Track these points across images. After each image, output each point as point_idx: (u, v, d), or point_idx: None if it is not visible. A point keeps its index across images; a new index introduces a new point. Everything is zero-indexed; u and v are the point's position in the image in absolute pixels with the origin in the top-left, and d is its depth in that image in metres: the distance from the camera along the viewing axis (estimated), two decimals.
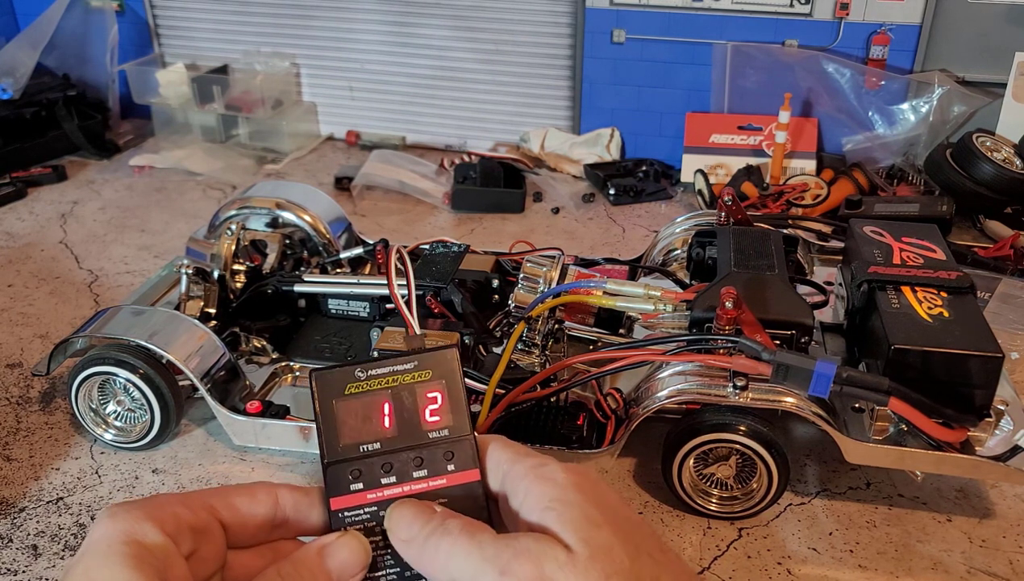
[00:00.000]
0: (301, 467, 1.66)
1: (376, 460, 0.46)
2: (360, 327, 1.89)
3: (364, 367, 0.47)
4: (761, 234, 1.70)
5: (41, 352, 1.99)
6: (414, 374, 0.47)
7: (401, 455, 0.47)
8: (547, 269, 1.65)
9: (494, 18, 3.05)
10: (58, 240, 2.58)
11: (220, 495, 0.44)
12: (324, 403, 0.47)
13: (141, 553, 0.39)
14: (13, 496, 1.59)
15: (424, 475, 0.46)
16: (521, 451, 0.46)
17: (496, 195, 2.76)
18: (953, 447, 1.38)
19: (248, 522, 0.45)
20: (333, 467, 0.46)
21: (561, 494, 0.42)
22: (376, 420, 0.47)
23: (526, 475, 0.44)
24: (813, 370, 1.27)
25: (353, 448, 0.46)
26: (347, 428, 0.47)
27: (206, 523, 0.43)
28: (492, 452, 0.46)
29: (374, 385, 0.47)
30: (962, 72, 2.74)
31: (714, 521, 1.53)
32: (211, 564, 0.43)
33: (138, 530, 0.40)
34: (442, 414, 0.47)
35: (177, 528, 0.41)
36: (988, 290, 2.12)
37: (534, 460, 0.45)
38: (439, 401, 0.47)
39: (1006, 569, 1.42)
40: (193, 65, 3.32)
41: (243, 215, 2.03)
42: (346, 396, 0.47)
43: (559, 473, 0.43)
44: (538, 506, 0.42)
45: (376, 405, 0.47)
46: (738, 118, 2.89)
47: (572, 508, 0.41)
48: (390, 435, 0.47)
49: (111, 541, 0.39)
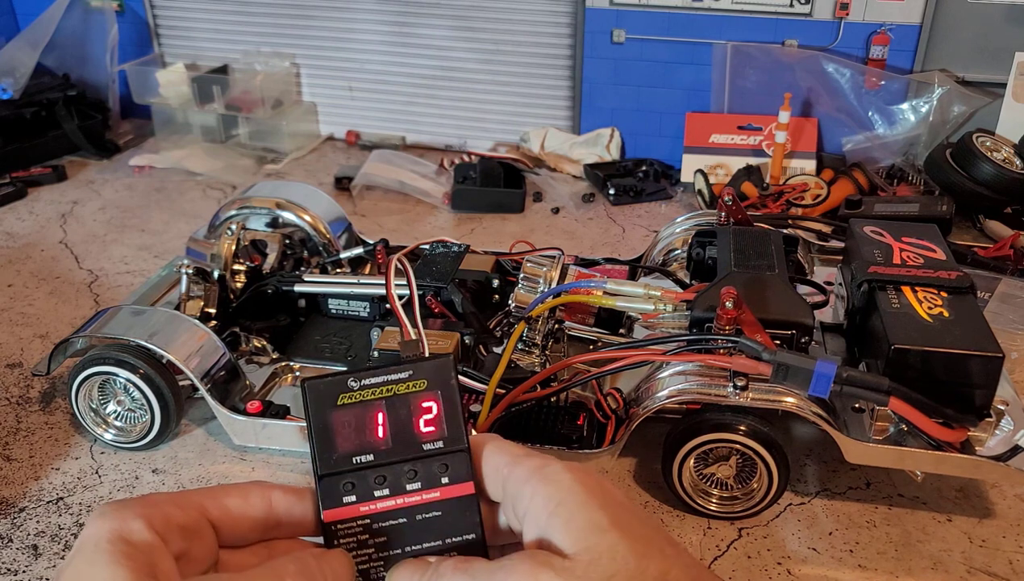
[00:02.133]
0: (301, 467, 1.66)
1: (370, 472, 0.45)
2: (360, 327, 1.89)
3: (357, 376, 0.46)
4: (761, 234, 1.70)
5: (41, 352, 1.99)
6: (408, 384, 0.46)
7: (395, 467, 0.46)
8: (547, 269, 1.65)
9: (494, 18, 3.05)
10: (58, 240, 2.58)
11: (212, 495, 0.44)
12: (316, 414, 0.45)
13: (127, 550, 0.39)
14: (13, 496, 1.59)
15: (418, 487, 0.45)
16: (519, 453, 0.45)
17: (496, 195, 2.76)
18: (953, 447, 1.38)
19: (240, 523, 0.44)
20: (326, 479, 0.45)
21: (566, 496, 0.41)
22: (370, 431, 0.46)
23: (529, 478, 0.43)
24: (813, 370, 1.27)
25: (346, 460, 0.45)
26: (340, 439, 0.45)
27: (197, 523, 0.43)
28: (489, 456, 0.46)
29: (367, 395, 0.46)
30: (962, 72, 2.74)
31: (714, 521, 1.53)
32: (202, 563, 0.43)
33: (126, 528, 0.40)
34: (437, 425, 0.46)
35: (166, 526, 0.41)
36: (988, 290, 2.12)
37: (535, 462, 0.44)
38: (434, 411, 0.46)
39: (1006, 569, 1.42)
40: (193, 65, 3.32)
41: (243, 215, 2.03)
42: (339, 407, 0.46)
43: (563, 474, 0.42)
44: (544, 511, 0.41)
45: (370, 416, 0.46)
46: (738, 118, 2.89)
47: (577, 512, 0.41)
48: (384, 446, 0.46)
49: (99, 539, 0.39)
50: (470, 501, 0.45)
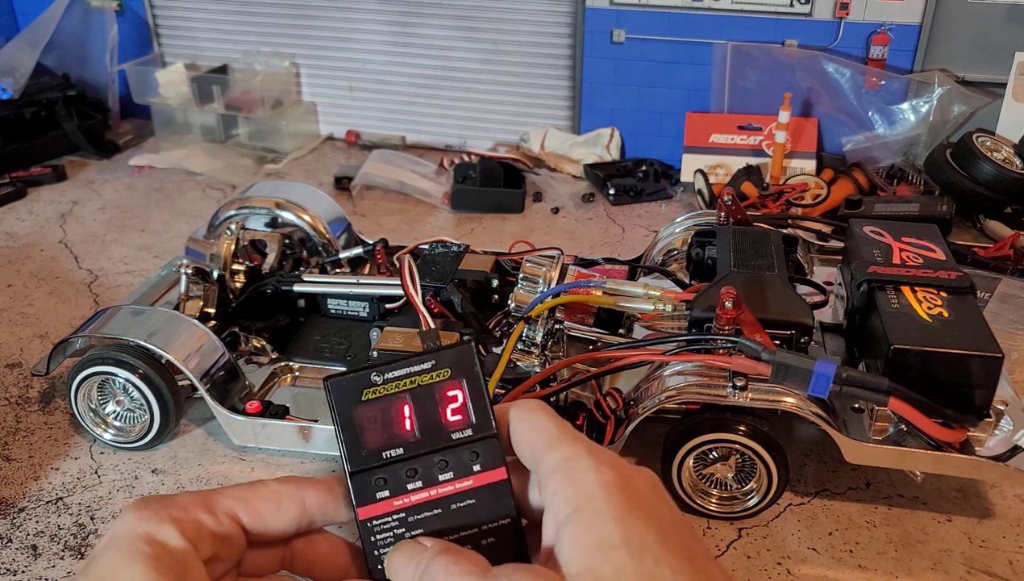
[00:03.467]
0: (301, 467, 1.66)
1: (400, 466, 0.45)
2: (360, 327, 1.89)
3: (380, 371, 0.45)
4: (761, 234, 1.70)
5: (41, 352, 1.99)
6: (432, 374, 0.46)
7: (425, 459, 0.45)
8: (547, 269, 1.65)
9: (494, 18, 3.05)
10: (58, 240, 2.58)
11: (245, 501, 0.44)
12: (342, 411, 0.45)
13: (161, 555, 0.39)
14: (13, 496, 1.59)
15: (450, 477, 0.45)
16: (554, 434, 0.43)
17: (496, 195, 2.76)
18: (953, 447, 1.38)
19: (271, 529, 0.44)
20: (357, 476, 0.45)
21: (584, 502, 0.39)
22: (397, 424, 0.45)
23: (555, 471, 0.41)
24: (813, 370, 1.26)
25: (376, 455, 0.45)
26: (368, 435, 0.45)
27: (228, 531, 0.43)
28: (526, 435, 0.44)
29: (392, 388, 0.45)
30: (962, 72, 2.74)
31: (714, 521, 1.53)
32: (227, 563, 0.43)
33: (160, 532, 0.40)
34: (464, 413, 0.46)
35: (198, 534, 0.41)
36: (988, 290, 2.12)
37: (565, 451, 0.42)
38: (460, 399, 0.46)
39: (1006, 569, 1.42)
40: (193, 65, 3.32)
41: (243, 215, 2.03)
42: (364, 402, 0.45)
43: (587, 474, 0.40)
44: (560, 513, 0.40)
45: (396, 409, 0.45)
46: (738, 118, 2.89)
47: (591, 524, 0.38)
48: (412, 439, 0.45)
49: (133, 539, 0.40)
50: (503, 486, 0.45)
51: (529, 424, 0.44)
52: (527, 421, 0.44)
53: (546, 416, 0.44)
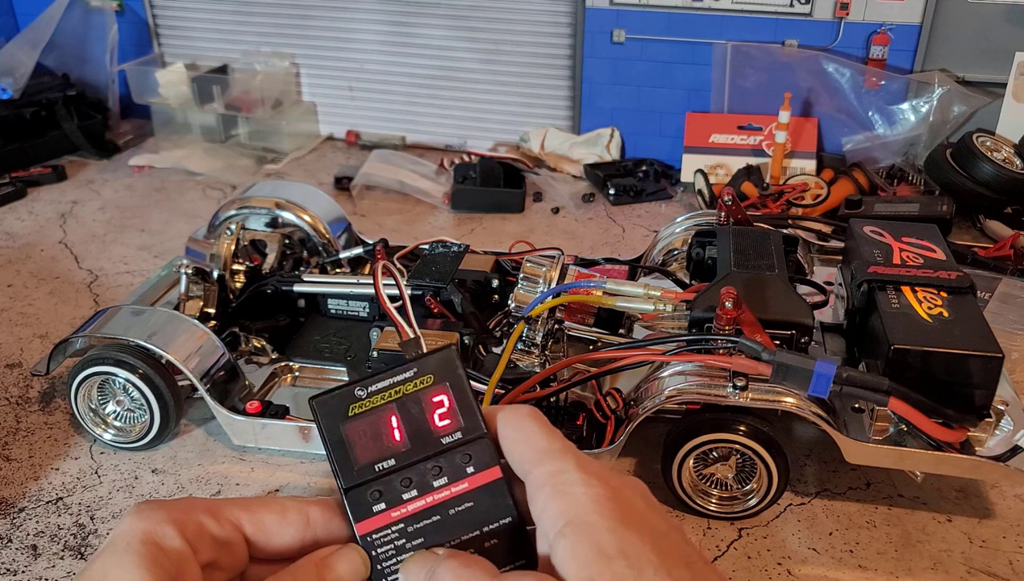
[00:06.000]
0: (301, 467, 1.66)
1: (394, 477, 0.45)
2: (360, 327, 1.89)
3: (363, 385, 0.46)
4: (761, 234, 1.70)
5: (41, 352, 1.99)
6: (415, 381, 0.46)
7: (418, 466, 0.45)
8: (547, 269, 1.65)
9: (494, 18, 3.05)
10: (58, 240, 2.58)
11: (249, 510, 0.44)
12: (330, 429, 0.45)
13: (156, 555, 0.39)
14: (12, 496, 1.59)
15: (445, 482, 0.45)
16: (541, 446, 0.43)
17: (496, 195, 2.76)
18: (953, 447, 1.38)
19: (274, 540, 0.44)
20: (352, 492, 0.45)
21: (576, 516, 0.39)
22: (386, 436, 0.46)
23: (544, 485, 0.41)
24: (813, 370, 1.26)
25: (368, 469, 0.45)
26: (358, 450, 0.45)
27: (230, 536, 0.43)
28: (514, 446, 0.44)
29: (377, 401, 0.46)
30: (962, 72, 2.74)
31: (714, 521, 1.53)
32: (229, 572, 0.43)
33: (159, 531, 0.40)
34: (452, 417, 0.46)
35: (198, 536, 0.41)
36: (988, 290, 2.12)
37: (553, 465, 0.41)
38: (446, 404, 0.46)
39: (1006, 569, 1.42)
40: (193, 65, 3.32)
41: (243, 215, 2.03)
42: (351, 418, 0.45)
43: (576, 487, 0.40)
44: (553, 527, 0.39)
45: (383, 421, 0.46)
46: (738, 118, 2.89)
47: (585, 536, 0.38)
48: (403, 448, 0.46)
49: (130, 539, 0.40)
50: (499, 485, 0.45)
51: (518, 433, 0.44)
52: (516, 429, 0.44)
53: (534, 425, 0.44)
